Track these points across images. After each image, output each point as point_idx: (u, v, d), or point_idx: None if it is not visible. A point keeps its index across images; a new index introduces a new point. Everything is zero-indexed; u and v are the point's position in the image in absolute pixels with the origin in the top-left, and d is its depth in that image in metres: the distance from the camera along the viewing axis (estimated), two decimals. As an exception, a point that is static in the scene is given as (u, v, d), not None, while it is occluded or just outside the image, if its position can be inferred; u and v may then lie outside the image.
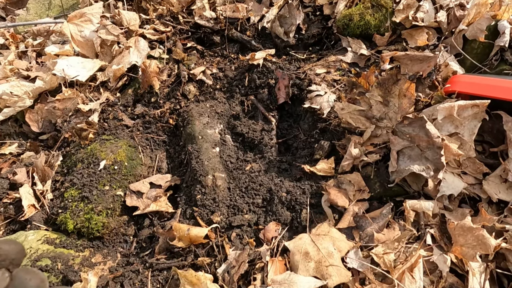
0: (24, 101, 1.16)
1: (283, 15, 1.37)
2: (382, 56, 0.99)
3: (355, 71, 1.14)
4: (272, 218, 0.95)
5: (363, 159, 0.95)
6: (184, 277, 0.78)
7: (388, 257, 0.75)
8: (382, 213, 0.86)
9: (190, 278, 0.78)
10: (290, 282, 0.70)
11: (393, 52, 0.97)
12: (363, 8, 1.22)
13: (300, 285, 0.70)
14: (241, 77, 1.32)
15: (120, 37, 1.30)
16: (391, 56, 0.95)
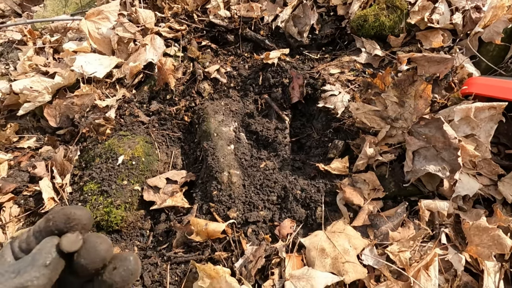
0: (44, 96, 1.18)
1: (297, 15, 1.39)
2: (399, 57, 1.00)
3: (370, 71, 1.15)
4: (287, 215, 0.97)
5: (377, 158, 0.96)
6: (203, 270, 0.80)
7: (404, 255, 0.76)
8: (397, 212, 0.87)
9: (208, 271, 0.80)
10: (308, 276, 0.72)
11: (411, 54, 0.98)
12: (378, 9, 1.23)
13: (318, 280, 0.71)
14: (255, 76, 1.33)
15: (137, 35, 1.32)
16: (408, 57, 0.96)
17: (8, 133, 1.23)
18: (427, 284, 0.73)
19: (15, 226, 1.05)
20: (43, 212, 1.03)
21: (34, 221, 1.06)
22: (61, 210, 0.29)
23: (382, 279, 0.79)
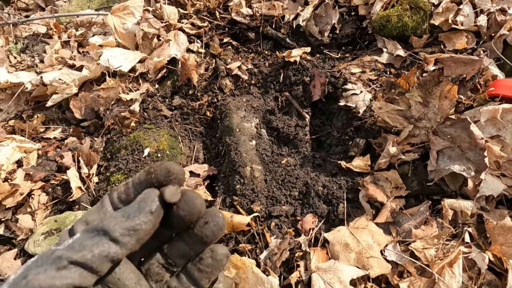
0: (71, 89, 1.22)
1: (319, 14, 1.40)
2: (426, 57, 1.01)
3: (394, 71, 1.16)
4: (309, 210, 0.98)
5: (400, 157, 0.97)
6: (230, 260, 0.82)
7: (429, 252, 0.78)
8: (419, 210, 0.89)
9: (235, 261, 0.82)
10: (335, 269, 0.74)
11: (438, 54, 0.99)
12: (401, 10, 1.23)
13: (345, 273, 0.73)
14: (276, 73, 1.35)
15: (161, 31, 1.34)
16: (435, 57, 0.97)
17: (35, 124, 1.26)
18: (452, 281, 0.74)
19: (43, 214, 1.08)
20: (70, 200, 1.06)
21: (62, 209, 1.09)
22: (161, 164, 0.31)
23: (405, 275, 0.80)
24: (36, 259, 0.26)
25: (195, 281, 0.33)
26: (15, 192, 0.96)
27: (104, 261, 0.26)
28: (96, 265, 0.26)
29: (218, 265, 0.33)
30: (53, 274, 0.24)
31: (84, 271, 0.25)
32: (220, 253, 0.33)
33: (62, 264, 0.24)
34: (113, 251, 0.26)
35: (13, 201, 0.96)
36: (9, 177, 0.99)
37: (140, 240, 0.27)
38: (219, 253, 0.33)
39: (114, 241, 0.26)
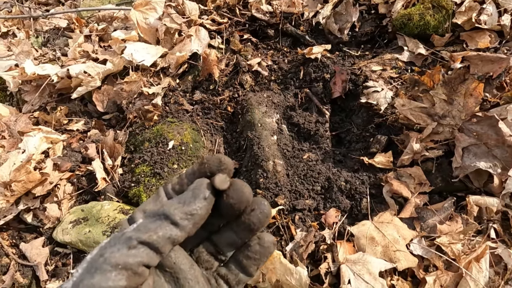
0: (96, 82, 1.23)
1: (339, 12, 1.41)
2: (453, 55, 1.02)
3: (418, 69, 1.17)
4: (332, 205, 1.00)
5: (424, 154, 0.98)
6: (256, 251, 0.84)
7: (456, 246, 0.79)
8: (444, 206, 0.90)
9: (262, 253, 0.83)
10: (364, 261, 0.75)
11: (464, 52, 1.00)
12: (423, 8, 1.24)
13: (373, 265, 0.74)
14: (296, 70, 1.36)
15: (183, 26, 1.36)
16: (462, 55, 0.98)
17: (59, 116, 1.28)
18: (479, 276, 0.75)
19: (68, 203, 1.10)
20: (96, 191, 1.08)
21: (86, 199, 1.11)
22: (213, 156, 0.33)
23: (431, 269, 0.81)
24: (109, 240, 0.28)
25: (244, 268, 0.34)
26: (45, 181, 0.98)
27: (167, 242, 0.28)
28: (160, 246, 0.28)
29: (266, 252, 0.34)
30: (125, 252, 0.26)
31: (150, 251, 0.27)
32: (267, 240, 0.35)
33: (132, 244, 0.27)
34: (174, 233, 0.28)
35: (42, 190, 0.98)
36: (38, 167, 1.02)
37: (196, 224, 0.29)
38: (266, 240, 0.35)
39: (175, 224, 0.28)
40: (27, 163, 0.94)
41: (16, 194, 0.95)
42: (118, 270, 0.25)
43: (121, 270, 0.26)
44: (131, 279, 0.26)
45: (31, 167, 0.94)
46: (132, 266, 0.26)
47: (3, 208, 0.98)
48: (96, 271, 0.25)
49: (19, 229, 1.07)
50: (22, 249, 0.98)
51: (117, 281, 0.25)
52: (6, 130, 1.15)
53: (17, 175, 0.94)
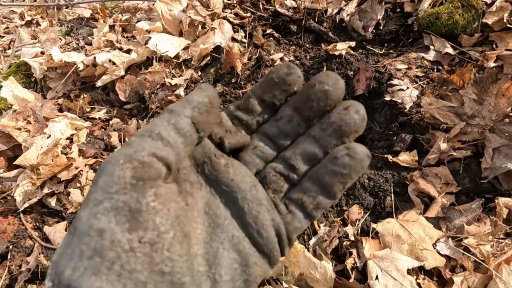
0: (120, 71, 1.25)
1: (364, 9, 1.39)
2: (486, 54, 1.00)
3: (447, 68, 1.15)
4: (355, 201, 0.99)
5: (451, 154, 0.96)
6: (280, 244, 0.83)
7: (485, 248, 0.77)
8: (471, 207, 0.88)
9: (285, 245, 0.83)
10: (392, 258, 0.74)
11: (499, 51, 0.98)
12: (452, 7, 1.22)
13: (401, 262, 0.73)
14: (318, 66, 1.35)
15: (207, 19, 1.36)
16: (497, 54, 0.96)
17: (82, 103, 1.30)
18: (509, 278, 0.73)
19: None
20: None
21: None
22: (281, 63, 0.31)
23: (458, 270, 0.80)
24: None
25: (325, 187, 0.27)
26: (70, 166, 0.99)
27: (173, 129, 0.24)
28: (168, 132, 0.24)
29: (358, 166, 0.26)
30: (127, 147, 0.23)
31: (156, 141, 0.24)
32: (360, 151, 0.26)
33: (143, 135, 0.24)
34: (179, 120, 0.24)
35: (68, 175, 0.99)
36: (63, 152, 1.03)
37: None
38: (358, 151, 0.26)
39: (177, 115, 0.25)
40: (54, 147, 0.96)
41: (43, 177, 0.97)
42: (122, 164, 0.22)
43: (125, 162, 0.22)
44: (137, 169, 0.22)
45: (58, 151, 0.95)
46: (135, 155, 0.22)
47: (28, 191, 0.99)
48: (101, 173, 0.22)
49: (42, 212, 1.09)
50: (45, 232, 1.00)
51: (123, 174, 0.21)
52: (32, 115, 1.17)
53: (44, 158, 0.95)
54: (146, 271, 0.21)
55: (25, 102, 1.22)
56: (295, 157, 0.28)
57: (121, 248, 0.20)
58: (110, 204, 0.21)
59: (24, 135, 1.10)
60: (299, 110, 0.29)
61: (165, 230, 0.22)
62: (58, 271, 0.20)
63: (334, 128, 0.27)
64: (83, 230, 0.21)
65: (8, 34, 1.88)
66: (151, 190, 0.22)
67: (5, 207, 1.02)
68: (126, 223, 0.21)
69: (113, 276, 0.20)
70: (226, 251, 0.25)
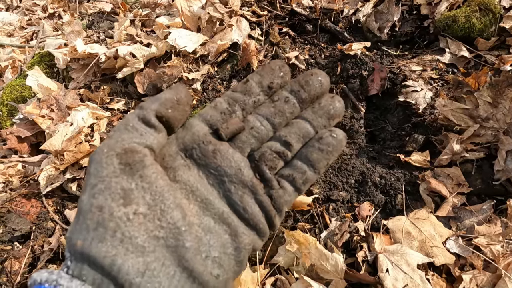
0: (140, 64, 1.29)
1: (380, 11, 1.41)
2: (503, 57, 1.01)
3: (463, 70, 1.16)
4: (366, 198, 1.01)
5: (463, 155, 0.97)
6: (292, 236, 0.86)
7: (495, 247, 0.78)
8: (482, 208, 0.89)
9: (297, 237, 0.85)
10: (402, 252, 0.76)
11: (516, 55, 0.99)
12: (469, 10, 1.23)
13: (412, 257, 0.75)
14: (333, 65, 1.37)
15: (225, 16, 1.39)
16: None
17: (102, 94, 1.34)
18: (518, 278, 0.74)
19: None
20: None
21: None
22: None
23: (467, 268, 0.81)
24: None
25: (312, 163, 0.32)
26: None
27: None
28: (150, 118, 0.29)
29: (338, 146, 0.33)
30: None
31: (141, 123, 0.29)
32: (339, 133, 0.33)
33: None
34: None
35: (89, 161, 1.03)
36: (86, 139, 1.07)
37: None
38: (338, 133, 0.33)
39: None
40: (78, 134, 1.00)
41: (66, 163, 1.01)
42: (106, 153, 0.27)
43: (109, 151, 0.27)
44: (122, 156, 0.26)
45: (82, 138, 0.99)
46: (116, 145, 0.27)
47: (51, 176, 1.04)
48: (91, 162, 0.27)
49: (62, 197, 1.13)
50: (66, 215, 1.04)
51: (110, 163, 0.26)
52: (55, 104, 1.21)
53: (68, 145, 0.99)
54: (143, 236, 0.25)
55: (49, 91, 1.27)
56: (290, 135, 0.33)
57: (120, 219, 0.24)
58: (103, 186, 0.25)
59: (47, 123, 1.15)
60: (295, 93, 0.34)
61: (154, 204, 0.26)
62: (72, 243, 0.25)
63: (324, 111, 0.34)
64: (85, 208, 0.25)
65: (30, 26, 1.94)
66: (137, 173, 0.26)
67: (29, 190, 1.07)
68: (120, 199, 0.25)
69: (116, 241, 0.24)
70: (217, 224, 0.29)
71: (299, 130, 0.33)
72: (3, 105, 1.36)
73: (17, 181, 1.06)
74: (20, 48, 1.65)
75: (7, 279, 0.89)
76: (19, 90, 1.37)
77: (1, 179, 1.06)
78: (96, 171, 0.26)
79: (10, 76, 1.44)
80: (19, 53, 1.61)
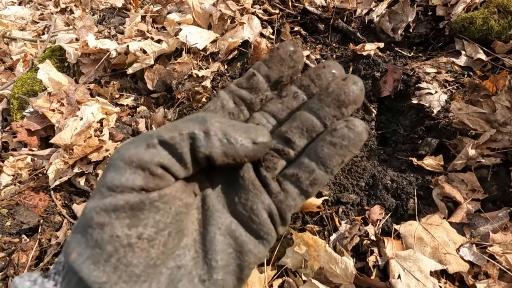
0: (150, 60, 1.28)
1: (395, 11, 1.38)
2: (523, 60, 0.98)
3: (480, 73, 1.13)
4: (376, 202, 0.98)
5: (479, 160, 0.95)
6: (300, 237, 0.85)
7: (511, 256, 0.76)
8: (498, 216, 0.87)
9: (306, 239, 0.84)
10: (415, 259, 0.74)
11: (537, 58, 0.95)
12: (487, 12, 1.19)
13: (424, 264, 0.73)
14: (345, 66, 1.35)
15: (236, 13, 1.38)
16: (535, 61, 0.94)
17: (111, 90, 1.34)
18: (536, 289, 0.72)
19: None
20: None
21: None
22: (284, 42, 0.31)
23: (481, 277, 0.79)
24: (131, 140, 0.25)
25: (323, 160, 0.26)
26: (101, 148, 1.03)
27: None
28: (183, 152, 0.23)
29: (357, 139, 0.25)
30: (142, 150, 0.23)
31: (171, 157, 0.23)
32: (359, 124, 0.25)
33: (152, 142, 0.23)
34: (203, 147, 0.24)
35: (98, 156, 1.03)
36: (95, 134, 1.07)
37: (242, 158, 0.25)
38: (357, 124, 0.25)
39: (207, 135, 0.24)
40: (88, 129, 1.00)
41: (75, 157, 1.01)
42: (133, 168, 0.22)
43: (136, 168, 0.22)
44: (148, 179, 0.22)
45: (91, 133, 0.99)
46: (148, 164, 0.22)
47: (60, 170, 1.04)
48: (109, 167, 0.23)
49: (70, 191, 1.13)
50: (74, 209, 1.04)
51: (132, 179, 0.22)
52: (65, 98, 1.22)
53: (78, 139, 0.99)
54: (141, 265, 0.22)
55: (59, 85, 1.27)
56: (291, 130, 0.27)
57: (119, 243, 0.22)
58: (113, 201, 0.22)
59: (57, 117, 1.15)
60: (305, 87, 0.29)
61: (163, 227, 0.23)
62: (68, 251, 0.22)
63: (333, 98, 0.26)
64: (88, 221, 0.22)
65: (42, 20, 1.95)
66: (155, 192, 0.23)
67: (37, 184, 1.07)
68: (126, 219, 0.22)
69: (109, 268, 0.21)
70: (222, 237, 0.25)
71: (302, 123, 0.27)
72: (14, 98, 1.37)
73: (26, 174, 1.07)
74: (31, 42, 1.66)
75: (14, 271, 0.89)
76: (30, 83, 1.38)
77: (11, 172, 1.06)
78: (111, 183, 0.23)
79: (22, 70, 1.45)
80: (30, 47, 1.62)
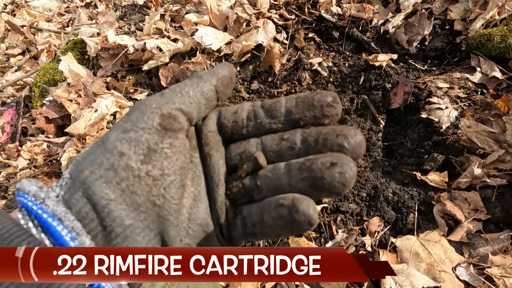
0: (165, 58, 1.32)
1: (411, 23, 1.37)
2: (537, 82, 0.96)
3: (493, 92, 1.11)
4: (376, 213, 0.99)
5: (484, 180, 0.93)
6: (296, 242, 0.86)
7: (509, 280, 0.75)
8: (499, 238, 0.85)
9: (302, 244, 0.85)
10: (408, 273, 0.74)
11: (552, 81, 0.93)
12: (506, 30, 1.17)
13: (417, 279, 0.73)
14: (356, 75, 1.35)
15: (252, 17, 1.40)
16: (549, 84, 0.92)
17: (127, 84, 1.39)
18: (531, 315, 0.71)
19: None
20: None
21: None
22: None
23: (476, 298, 0.78)
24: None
25: (262, 230, 0.27)
26: (112, 140, 1.07)
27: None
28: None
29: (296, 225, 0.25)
30: (159, 96, 0.28)
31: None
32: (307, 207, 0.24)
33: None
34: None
35: (108, 147, 1.07)
36: (108, 126, 1.11)
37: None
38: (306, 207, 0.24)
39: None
40: (101, 120, 1.04)
41: (87, 147, 1.05)
42: (152, 109, 0.26)
43: (156, 108, 0.27)
44: (165, 119, 0.26)
45: (104, 125, 1.04)
46: (165, 106, 0.27)
47: (72, 157, 1.09)
48: (134, 109, 0.27)
49: (80, 179, 1.19)
50: (82, 197, 1.08)
51: (152, 118, 0.26)
52: (83, 90, 1.27)
53: (91, 130, 1.04)
54: (143, 196, 0.25)
55: (78, 76, 1.33)
56: (262, 180, 0.28)
57: (132, 172, 0.25)
58: (134, 136, 0.26)
59: (74, 107, 1.21)
60: (308, 142, 0.27)
61: (167, 173, 0.26)
62: (79, 168, 0.25)
63: (310, 183, 0.25)
64: (108, 148, 0.25)
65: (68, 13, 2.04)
66: (169, 140, 0.27)
67: (51, 169, 1.13)
68: (141, 155, 0.25)
69: (118, 190, 0.25)
70: (203, 210, 0.29)
71: (271, 182, 0.27)
72: (36, 86, 1.44)
73: (41, 160, 1.12)
74: (56, 34, 1.74)
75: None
76: (51, 73, 1.44)
77: (27, 156, 1.12)
78: (136, 120, 0.26)
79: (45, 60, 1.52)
80: (55, 38, 1.69)
